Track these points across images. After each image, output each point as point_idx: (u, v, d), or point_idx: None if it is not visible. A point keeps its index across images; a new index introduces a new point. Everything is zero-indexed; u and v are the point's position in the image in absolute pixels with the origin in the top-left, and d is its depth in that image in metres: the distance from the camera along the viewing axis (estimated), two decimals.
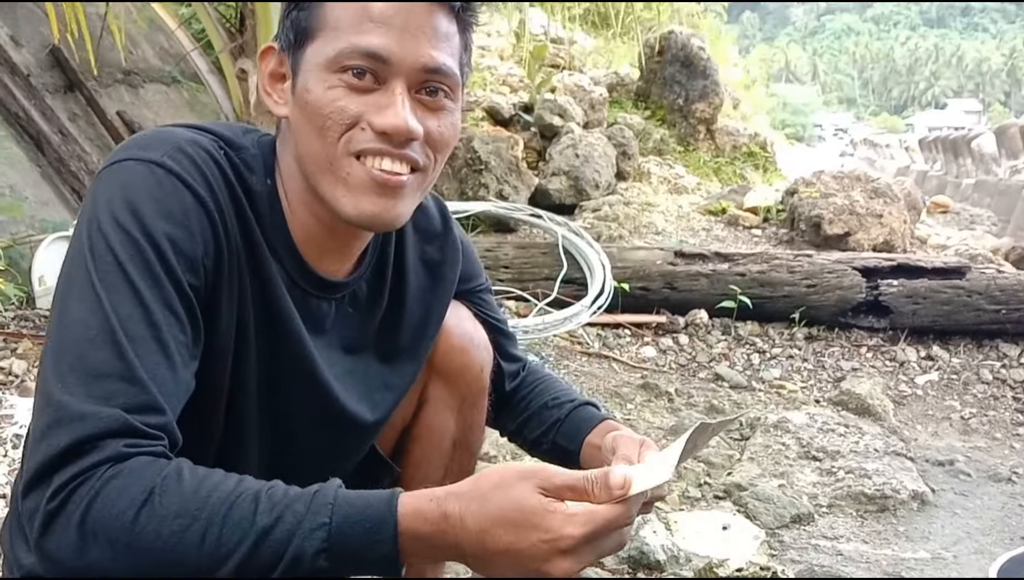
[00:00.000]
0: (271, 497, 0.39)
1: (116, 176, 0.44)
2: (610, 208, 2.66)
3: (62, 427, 0.38)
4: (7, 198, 1.81)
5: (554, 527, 0.38)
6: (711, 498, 1.24)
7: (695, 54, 3.77)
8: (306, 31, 0.46)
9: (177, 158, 0.45)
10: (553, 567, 0.38)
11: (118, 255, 0.41)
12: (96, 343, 0.40)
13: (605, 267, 1.98)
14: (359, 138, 0.46)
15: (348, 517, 0.38)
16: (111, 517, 0.37)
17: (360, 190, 0.46)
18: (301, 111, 0.47)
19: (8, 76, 2.03)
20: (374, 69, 0.45)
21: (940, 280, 2.01)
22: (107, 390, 0.39)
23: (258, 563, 0.38)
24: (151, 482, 0.38)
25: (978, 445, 1.64)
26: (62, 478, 0.38)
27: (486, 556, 0.39)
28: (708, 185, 3.35)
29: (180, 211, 0.44)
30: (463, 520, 0.39)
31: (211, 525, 0.37)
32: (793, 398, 1.74)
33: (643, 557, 1.02)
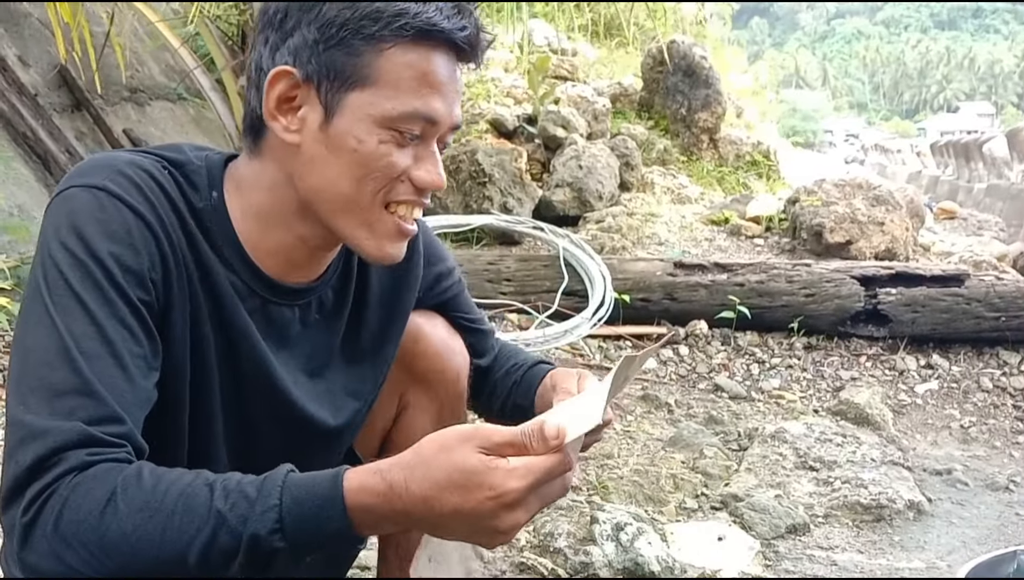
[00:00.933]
0: (225, 486, 0.40)
1: (62, 205, 0.46)
2: (613, 219, 2.69)
3: (27, 445, 0.40)
4: (15, 218, 1.85)
5: (497, 483, 0.39)
6: (707, 509, 1.27)
7: (697, 63, 3.81)
8: (352, 76, 0.46)
9: (117, 181, 0.46)
10: (502, 522, 0.40)
11: (68, 278, 0.44)
12: (54, 364, 0.42)
13: (606, 279, 2.01)
14: (398, 190, 0.49)
15: (296, 498, 0.40)
16: (79, 521, 0.39)
17: (385, 236, 0.50)
18: (334, 152, 0.47)
19: (16, 96, 2.11)
20: (423, 131, 0.48)
21: (939, 288, 2.02)
22: (67, 406, 0.41)
23: (219, 548, 0.39)
24: (112, 484, 0.40)
25: (977, 454, 1.64)
26: (32, 492, 0.40)
27: (435, 520, 0.40)
28: (711, 195, 3.37)
29: (123, 230, 0.45)
30: (408, 488, 0.40)
31: (171, 516, 0.39)
32: (792, 408, 1.76)
33: (638, 568, 1.04)
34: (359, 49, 0.46)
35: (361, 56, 0.46)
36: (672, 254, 2.37)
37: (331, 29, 0.46)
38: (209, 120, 2.75)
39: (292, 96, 0.48)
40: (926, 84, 64.71)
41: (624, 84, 4.15)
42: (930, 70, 65.45)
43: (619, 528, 1.07)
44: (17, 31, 2.27)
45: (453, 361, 0.65)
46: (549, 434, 0.40)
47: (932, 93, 63.36)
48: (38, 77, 2.26)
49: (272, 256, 0.52)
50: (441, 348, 0.64)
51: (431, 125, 0.49)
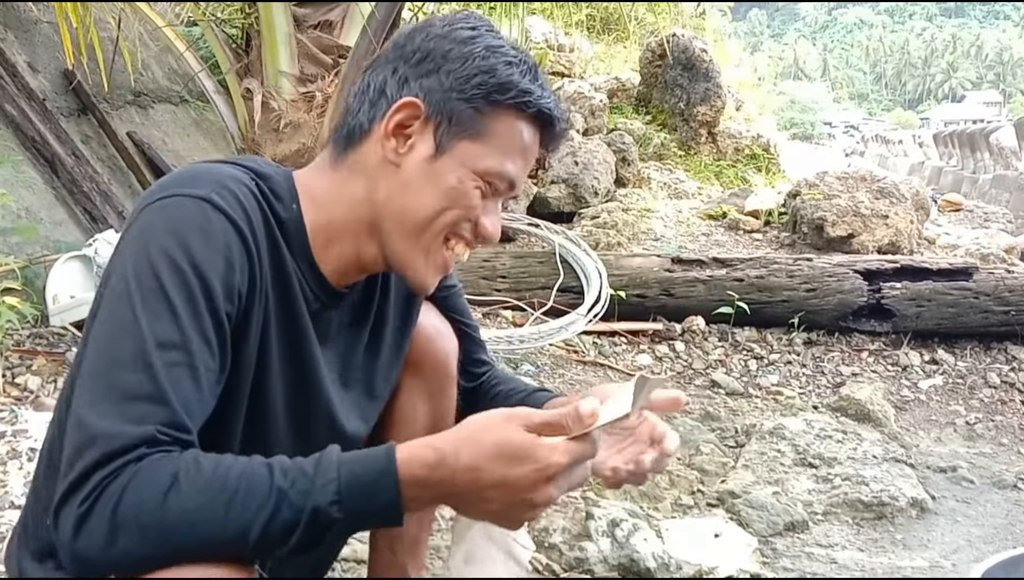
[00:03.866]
0: (282, 465, 0.43)
1: (166, 210, 0.48)
2: (609, 215, 2.67)
3: (95, 446, 0.42)
4: (23, 220, 1.88)
5: (543, 457, 0.43)
6: (704, 506, 1.25)
7: (697, 56, 3.77)
8: (469, 127, 0.53)
9: (223, 194, 0.49)
10: (539, 495, 0.44)
11: (164, 283, 0.45)
12: (130, 366, 0.43)
13: (602, 275, 1.99)
14: (463, 228, 0.55)
15: (352, 471, 0.43)
16: (140, 503, 0.41)
17: (434, 266, 0.56)
18: (432, 183, 0.53)
19: (25, 101, 2.12)
20: (503, 189, 0.55)
21: (946, 282, 1.98)
22: (139, 412, 0.43)
23: (281, 522, 0.42)
24: (173, 469, 0.42)
25: (983, 451, 1.61)
26: (91, 484, 0.41)
27: (478, 490, 0.44)
28: (709, 189, 3.33)
29: (224, 243, 0.48)
30: (458, 458, 0.43)
31: (235, 494, 0.41)
32: (791, 404, 1.73)
33: (633, 564, 1.03)
34: (483, 109, 0.54)
35: (482, 115, 0.54)
36: (669, 250, 2.35)
37: (465, 84, 0.53)
38: (211, 122, 2.75)
39: (409, 124, 0.54)
40: (931, 73, 63.96)
41: (622, 79, 4.11)
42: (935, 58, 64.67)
43: (614, 524, 1.05)
44: (27, 37, 2.29)
45: (441, 343, 0.68)
46: (584, 413, 0.44)
47: (937, 82, 62.62)
48: (46, 82, 2.27)
49: (330, 266, 0.56)
50: (431, 332, 0.67)
51: (509, 188, 0.56)
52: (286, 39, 1.83)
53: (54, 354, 1.54)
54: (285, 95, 1.87)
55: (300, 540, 0.42)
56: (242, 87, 1.99)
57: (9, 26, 2.24)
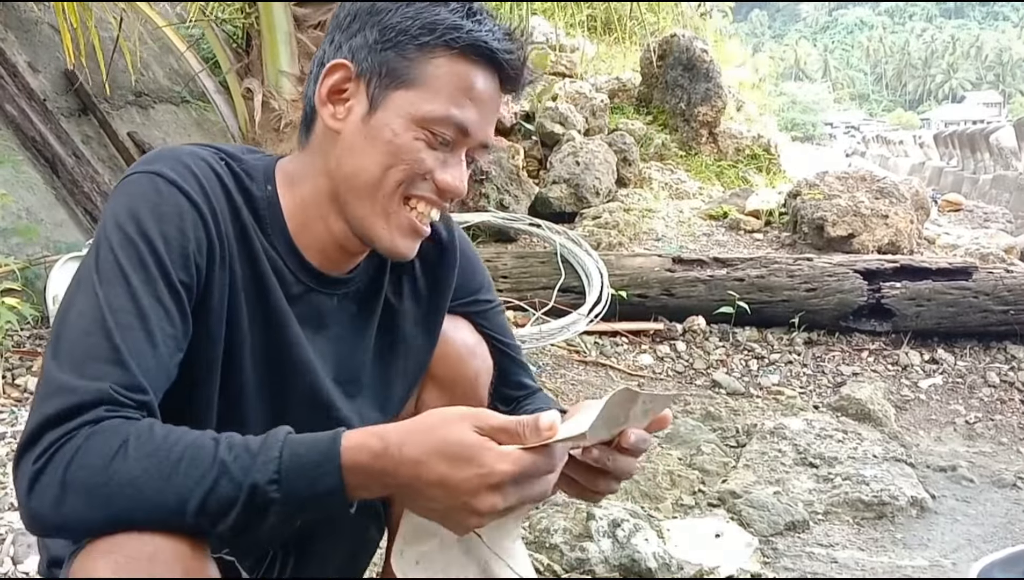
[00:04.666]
0: (230, 440, 0.43)
1: (124, 188, 0.50)
2: (610, 215, 2.67)
3: (52, 398, 0.43)
4: (24, 221, 1.88)
5: (487, 462, 0.41)
6: (705, 506, 1.25)
7: (698, 57, 3.77)
8: (401, 76, 0.51)
9: (176, 168, 0.50)
10: (480, 501, 0.41)
11: (117, 254, 0.47)
12: (90, 331, 0.45)
13: (603, 275, 2.00)
14: (420, 186, 0.52)
15: (295, 451, 0.42)
16: (87, 466, 0.41)
17: (398, 229, 0.53)
18: (371, 141, 0.51)
19: (26, 102, 2.13)
20: (455, 137, 0.52)
21: (945, 281, 1.98)
22: (97, 371, 0.44)
23: (220, 495, 0.41)
24: (124, 434, 0.42)
25: (983, 450, 1.61)
26: (46, 441, 0.42)
27: (419, 486, 0.42)
28: (710, 189, 3.34)
29: (175, 213, 0.49)
30: (402, 450, 0.42)
31: (178, 463, 0.41)
32: (791, 404, 1.73)
33: (634, 564, 1.03)
34: (412, 54, 0.51)
35: (412, 60, 0.51)
36: (670, 250, 2.35)
37: (390, 33, 0.51)
38: (212, 122, 2.75)
39: (343, 88, 0.52)
40: (931, 74, 64.00)
41: (623, 79, 4.11)
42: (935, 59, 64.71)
43: (615, 525, 1.06)
44: (27, 38, 2.29)
45: (472, 364, 0.65)
46: (543, 426, 0.42)
47: (937, 83, 62.65)
48: (47, 83, 2.28)
49: (311, 248, 0.55)
50: (463, 351, 0.64)
51: (462, 134, 0.52)
52: (286, 39, 1.83)
53: None
54: (286, 95, 1.87)
55: (239, 518, 0.41)
56: (243, 87, 1.99)
57: (10, 26, 2.24)
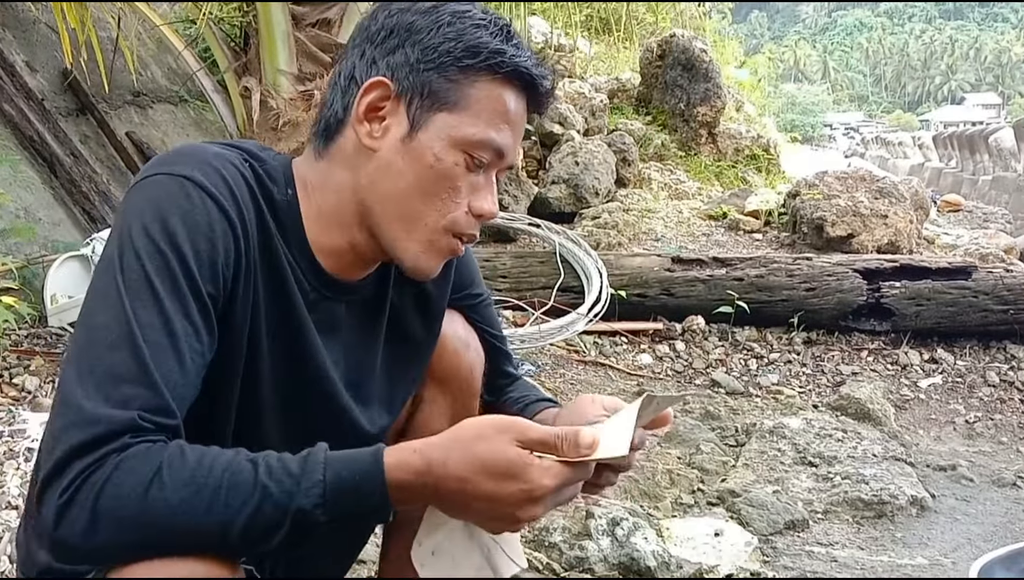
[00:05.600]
0: (267, 462, 0.42)
1: (147, 190, 0.47)
2: (609, 215, 2.67)
3: (78, 428, 0.41)
4: (21, 220, 1.88)
5: (533, 478, 0.42)
6: (704, 504, 1.25)
7: (697, 57, 3.77)
8: (443, 98, 0.51)
9: (205, 172, 0.48)
10: (524, 513, 0.43)
11: (145, 264, 0.45)
12: (116, 346, 0.43)
13: (602, 275, 1.99)
14: (461, 222, 0.52)
15: (338, 474, 0.42)
16: (122, 496, 0.40)
17: (434, 254, 0.53)
18: (410, 164, 0.51)
19: (24, 101, 2.12)
20: (491, 161, 0.52)
21: (945, 281, 1.98)
22: (124, 394, 0.42)
23: (264, 521, 0.41)
24: (157, 461, 0.41)
25: (983, 449, 1.61)
26: (73, 472, 0.41)
27: (464, 499, 0.43)
28: (709, 190, 3.34)
29: (205, 222, 0.46)
30: (446, 467, 0.43)
31: (217, 490, 0.41)
32: (791, 403, 1.73)
33: (633, 563, 1.03)
34: (454, 77, 0.51)
35: (455, 83, 0.51)
36: (669, 250, 2.35)
37: (432, 54, 0.50)
38: (210, 122, 2.75)
39: (381, 106, 0.52)
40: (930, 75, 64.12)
41: (622, 79, 4.12)
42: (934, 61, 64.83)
43: (615, 523, 1.05)
44: (25, 37, 2.29)
45: (468, 357, 0.65)
46: (583, 442, 0.43)
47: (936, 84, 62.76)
48: (44, 82, 2.27)
49: (327, 256, 0.54)
50: (459, 346, 0.65)
51: (498, 157, 0.53)
52: (284, 37, 1.83)
53: (52, 354, 1.54)
54: (284, 93, 1.87)
55: (283, 540, 0.42)
56: (240, 85, 1.99)
57: (7, 25, 2.24)
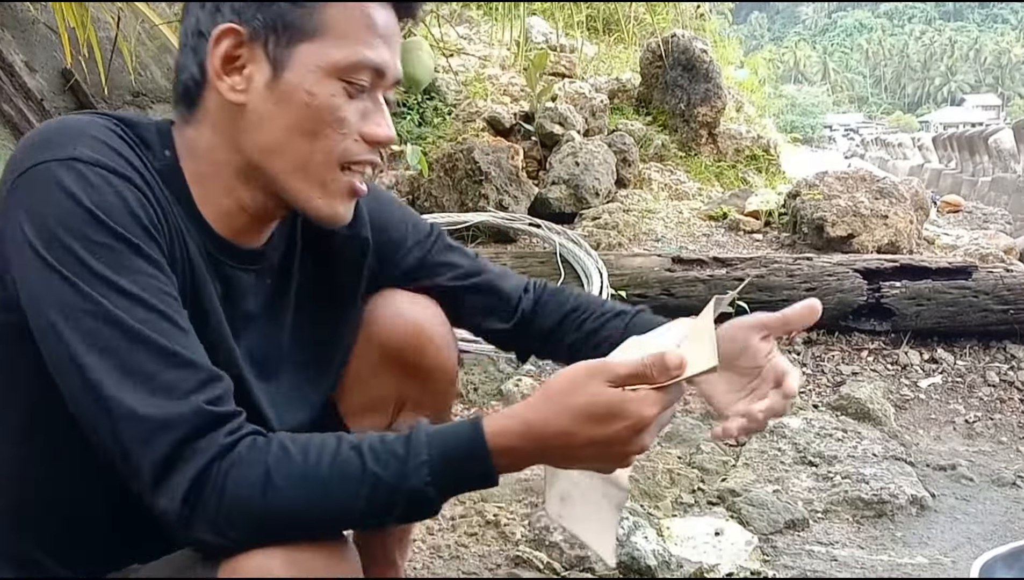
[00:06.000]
0: (372, 447, 0.43)
1: (40, 183, 0.43)
2: (610, 216, 2.68)
3: (155, 437, 0.41)
4: None
5: (634, 412, 0.43)
6: (704, 504, 1.25)
7: (697, 57, 3.78)
8: (300, 28, 0.46)
9: (92, 146, 0.44)
10: (633, 446, 0.44)
11: (90, 264, 0.42)
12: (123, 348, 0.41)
13: (602, 275, 2.00)
14: (353, 150, 0.48)
15: (443, 450, 0.43)
16: (243, 499, 0.41)
17: (338, 196, 0.49)
18: (284, 107, 0.46)
19: (23, 101, 2.13)
20: (372, 82, 0.48)
21: (945, 281, 1.98)
22: (167, 384, 0.41)
23: (379, 505, 0.43)
24: (263, 462, 0.42)
25: (983, 449, 1.61)
26: (182, 482, 0.41)
27: (572, 451, 0.44)
28: (710, 190, 3.34)
29: (118, 198, 0.43)
30: (547, 423, 0.43)
31: (329, 484, 0.42)
32: (791, 403, 1.73)
33: (633, 562, 1.03)
34: (305, 2, 0.46)
35: (307, 9, 0.46)
36: (669, 250, 2.35)
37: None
38: None
39: (236, 55, 0.47)
40: (930, 76, 64.16)
41: (622, 80, 4.12)
42: (934, 62, 64.89)
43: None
44: (24, 37, 2.29)
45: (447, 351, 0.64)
46: (671, 364, 0.43)
47: (936, 86, 62.80)
48: (44, 82, 2.28)
49: (218, 221, 0.50)
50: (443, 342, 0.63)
51: (379, 76, 0.49)
52: None
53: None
54: None
55: (400, 516, 0.44)
56: None
57: (6, 25, 2.24)
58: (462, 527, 1.12)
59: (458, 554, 1.06)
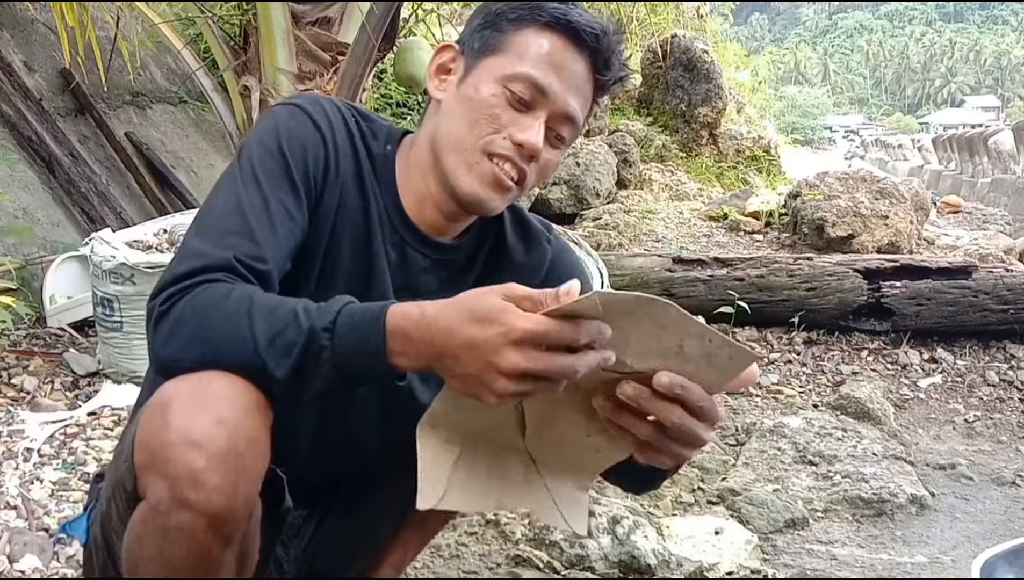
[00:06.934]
0: (309, 303, 0.50)
1: (269, 113, 0.60)
2: (610, 216, 2.68)
3: (186, 259, 0.52)
4: (19, 221, 1.88)
5: (508, 320, 0.45)
6: (704, 503, 1.25)
7: (698, 57, 3.78)
8: (493, 47, 0.59)
9: (312, 104, 0.60)
10: (502, 358, 0.45)
11: (253, 161, 0.57)
12: (228, 213, 0.55)
13: (603, 275, 2.00)
14: (498, 144, 0.58)
15: (350, 310, 0.49)
16: (196, 308, 0.50)
17: (478, 178, 0.59)
18: (460, 102, 0.59)
19: (22, 101, 2.13)
20: (532, 98, 0.58)
21: (945, 281, 1.98)
22: (228, 242, 0.53)
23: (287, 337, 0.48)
24: (231, 288, 0.50)
25: (982, 448, 1.61)
26: (172, 289, 0.51)
27: (451, 351, 0.46)
28: (710, 191, 3.35)
29: (303, 135, 0.58)
30: (437, 318, 0.47)
31: (265, 309, 0.49)
32: (791, 403, 1.73)
33: (634, 561, 1.03)
34: (504, 28, 0.59)
35: (503, 33, 0.59)
36: (670, 250, 2.35)
37: (491, 16, 0.60)
38: (210, 122, 2.76)
39: (449, 67, 0.62)
40: (930, 78, 64.21)
41: None
42: (934, 63, 64.92)
43: (615, 521, 1.06)
44: (23, 37, 2.30)
45: None
46: (561, 291, 0.45)
47: (936, 87, 62.83)
48: (43, 82, 2.28)
49: (411, 207, 0.62)
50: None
51: (541, 95, 0.58)
52: (284, 36, 1.83)
53: (51, 355, 1.54)
54: (284, 93, 1.86)
55: (298, 359, 0.47)
56: (240, 84, 1.99)
57: (5, 25, 2.25)
58: (462, 526, 1.12)
59: (458, 553, 1.06)
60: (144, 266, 1.40)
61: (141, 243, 1.55)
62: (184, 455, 0.45)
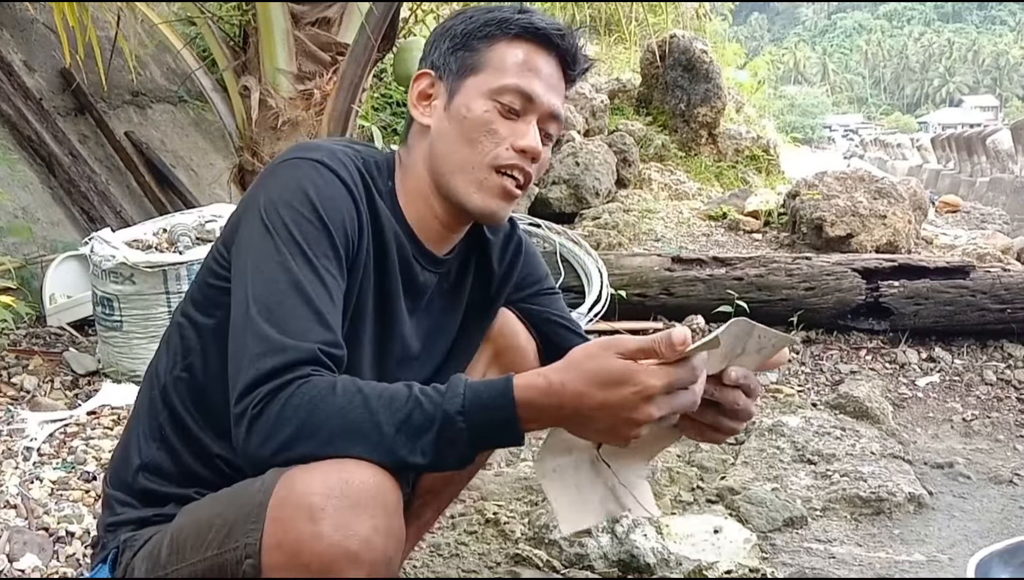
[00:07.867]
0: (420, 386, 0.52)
1: (289, 170, 0.59)
2: (610, 216, 2.69)
3: (269, 355, 0.52)
4: (19, 220, 1.88)
5: (640, 380, 0.48)
6: (703, 502, 1.25)
7: (697, 57, 3.79)
8: (471, 66, 0.62)
9: (332, 159, 0.60)
10: (639, 413, 0.49)
11: (292, 230, 0.56)
12: (287, 293, 0.54)
13: (602, 274, 2.00)
14: (504, 156, 0.61)
15: (476, 391, 0.51)
16: (299, 406, 0.50)
17: (490, 193, 0.62)
18: (453, 123, 0.61)
19: (22, 100, 2.13)
20: (521, 105, 0.61)
21: (943, 280, 1.99)
22: (302, 329, 0.53)
23: (415, 422, 0.50)
24: (332, 382, 0.51)
25: (980, 447, 1.62)
26: (264, 390, 0.51)
27: (584, 412, 0.50)
28: (709, 190, 3.35)
29: (337, 196, 0.58)
30: (564, 385, 0.50)
31: (379, 397, 0.50)
32: (790, 402, 1.74)
33: (633, 560, 1.03)
34: (477, 47, 0.62)
35: (477, 52, 0.62)
36: (669, 250, 2.36)
37: (459, 38, 0.63)
38: (209, 122, 2.75)
39: (429, 93, 0.64)
40: (928, 78, 64.29)
41: (623, 80, 4.13)
42: (933, 63, 65.01)
43: (614, 520, 1.06)
44: (23, 36, 2.29)
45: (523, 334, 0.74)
46: (676, 340, 0.48)
47: (935, 87, 62.92)
48: (43, 81, 2.28)
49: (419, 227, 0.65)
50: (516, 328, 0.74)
51: (528, 101, 0.61)
52: (284, 36, 1.83)
53: (51, 354, 1.54)
54: (283, 93, 1.87)
55: (434, 441, 0.49)
56: (240, 84, 1.99)
57: (5, 25, 2.25)
58: (462, 525, 1.12)
59: (458, 552, 1.06)
60: (144, 265, 1.40)
61: (141, 242, 1.55)
62: (344, 569, 0.47)
